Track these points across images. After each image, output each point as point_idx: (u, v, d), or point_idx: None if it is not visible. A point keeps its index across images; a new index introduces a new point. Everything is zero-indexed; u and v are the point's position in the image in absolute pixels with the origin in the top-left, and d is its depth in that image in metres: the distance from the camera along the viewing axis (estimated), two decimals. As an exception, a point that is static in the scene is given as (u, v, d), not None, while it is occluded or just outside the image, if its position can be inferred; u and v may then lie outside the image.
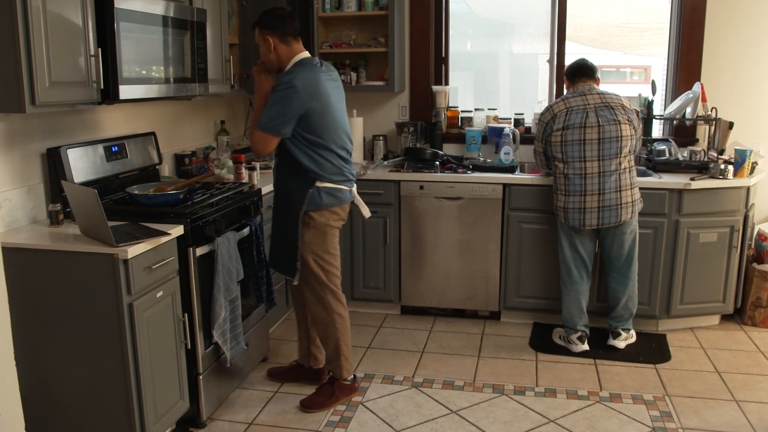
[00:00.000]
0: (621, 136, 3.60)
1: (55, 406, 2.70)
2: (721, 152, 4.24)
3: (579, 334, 3.85)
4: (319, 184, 3.08)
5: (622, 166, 3.64)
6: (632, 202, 3.67)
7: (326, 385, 3.35)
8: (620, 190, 3.63)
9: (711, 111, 4.23)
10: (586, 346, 3.85)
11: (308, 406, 3.26)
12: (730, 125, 4.25)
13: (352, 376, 3.38)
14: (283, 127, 2.96)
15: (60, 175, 2.92)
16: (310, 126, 3.00)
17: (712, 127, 4.26)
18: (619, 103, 3.68)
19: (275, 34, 3.03)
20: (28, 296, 2.61)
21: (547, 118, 3.77)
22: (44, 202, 2.98)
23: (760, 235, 4.34)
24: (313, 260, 3.16)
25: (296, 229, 3.13)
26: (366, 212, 3.32)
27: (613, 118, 3.61)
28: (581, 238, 3.77)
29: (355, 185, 3.25)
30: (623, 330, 3.89)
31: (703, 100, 4.23)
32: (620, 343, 3.87)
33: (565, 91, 3.89)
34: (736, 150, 4.01)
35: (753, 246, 4.35)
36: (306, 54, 3.12)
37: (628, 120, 3.64)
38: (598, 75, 3.83)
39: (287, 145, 3.04)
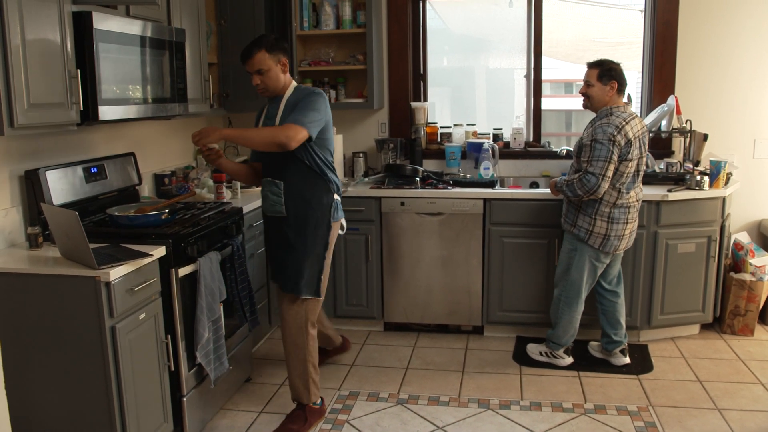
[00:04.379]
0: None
1: (37, 430, 2.65)
2: (697, 164, 4.31)
3: (565, 347, 3.86)
4: (335, 196, 3.18)
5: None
6: None
7: (296, 411, 3.26)
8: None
9: (686, 123, 4.30)
10: (572, 359, 3.87)
11: None
12: (705, 137, 4.32)
13: (320, 399, 3.34)
14: (315, 128, 2.99)
15: (39, 198, 2.89)
16: (327, 138, 3.12)
17: (687, 139, 4.33)
18: None
19: (287, 58, 3.11)
20: (7, 321, 2.56)
21: (622, 141, 3.43)
22: (23, 225, 2.94)
23: (736, 244, 4.40)
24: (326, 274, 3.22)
25: (322, 242, 3.16)
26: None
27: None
28: (605, 262, 3.70)
29: None
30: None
31: (678, 112, 4.30)
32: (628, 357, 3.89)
33: (599, 96, 3.56)
34: (711, 161, 4.08)
35: (730, 255, 4.41)
36: None
37: None
38: None
39: (310, 156, 3.06)
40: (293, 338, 3.20)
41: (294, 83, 3.17)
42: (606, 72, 3.53)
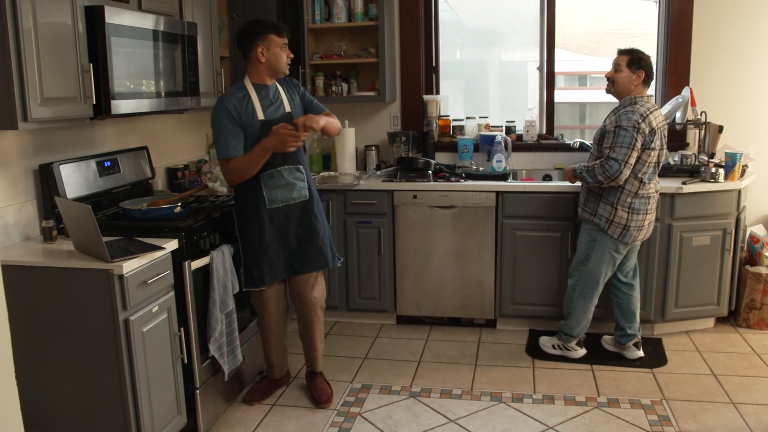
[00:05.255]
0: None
1: (51, 423, 2.68)
2: (712, 156, 4.26)
3: (577, 339, 3.85)
4: None
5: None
6: None
7: (318, 378, 3.50)
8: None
9: (700, 115, 4.26)
10: (584, 350, 3.85)
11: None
12: (720, 129, 4.28)
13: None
14: None
15: (53, 191, 2.91)
16: None
17: (702, 131, 4.29)
18: None
19: None
20: (22, 314, 2.58)
21: (646, 130, 3.42)
22: (37, 218, 2.96)
23: (752, 237, 4.36)
24: None
25: (323, 214, 3.39)
26: None
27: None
28: (623, 253, 3.66)
29: None
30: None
31: (693, 104, 4.26)
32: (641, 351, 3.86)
33: (625, 83, 3.55)
34: (726, 153, 4.04)
35: (745, 248, 4.37)
36: None
37: None
38: None
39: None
40: (321, 304, 3.40)
41: None
42: (636, 60, 3.53)
